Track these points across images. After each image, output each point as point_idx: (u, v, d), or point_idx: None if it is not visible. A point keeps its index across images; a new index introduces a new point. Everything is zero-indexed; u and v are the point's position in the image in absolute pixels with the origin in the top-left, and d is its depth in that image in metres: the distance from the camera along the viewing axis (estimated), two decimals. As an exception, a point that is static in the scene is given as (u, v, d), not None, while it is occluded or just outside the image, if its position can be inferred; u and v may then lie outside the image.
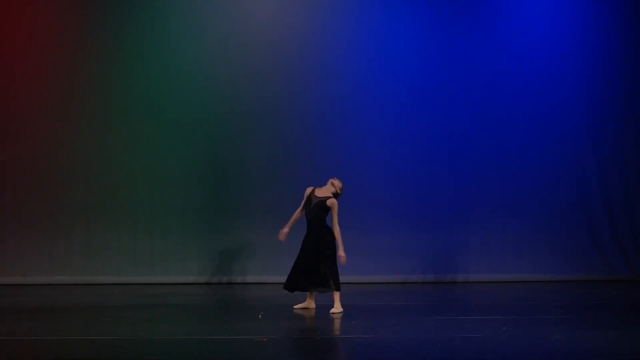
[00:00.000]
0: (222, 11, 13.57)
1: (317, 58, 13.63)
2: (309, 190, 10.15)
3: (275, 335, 8.51)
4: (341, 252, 9.92)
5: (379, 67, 13.66)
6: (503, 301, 11.49)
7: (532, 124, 13.77)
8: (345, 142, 13.57)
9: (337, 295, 10.01)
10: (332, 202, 10.00)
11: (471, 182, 13.67)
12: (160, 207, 13.42)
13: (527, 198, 13.73)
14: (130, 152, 13.44)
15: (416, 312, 10.31)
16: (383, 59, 13.66)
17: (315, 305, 10.24)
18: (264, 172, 13.48)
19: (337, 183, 10.13)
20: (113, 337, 8.34)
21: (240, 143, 13.52)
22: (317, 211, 10.01)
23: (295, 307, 10.23)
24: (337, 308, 9.96)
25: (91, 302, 11.25)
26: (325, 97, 13.60)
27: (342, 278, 10.18)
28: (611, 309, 10.66)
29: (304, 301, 10.30)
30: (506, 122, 13.74)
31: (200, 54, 13.51)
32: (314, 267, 9.96)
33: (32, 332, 8.66)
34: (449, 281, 13.51)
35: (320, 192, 10.10)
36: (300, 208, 10.20)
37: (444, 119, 13.69)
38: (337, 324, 9.29)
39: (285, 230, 10.28)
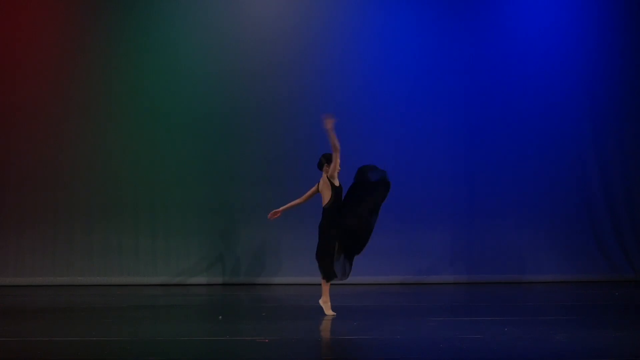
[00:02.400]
0: (224, 11, 13.57)
1: (320, 58, 13.64)
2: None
3: (277, 336, 8.50)
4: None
5: (382, 66, 13.65)
6: (505, 302, 11.48)
7: (533, 124, 13.76)
8: (349, 142, 13.51)
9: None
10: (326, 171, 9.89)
11: (472, 183, 13.66)
12: (162, 207, 13.42)
13: (529, 198, 13.71)
14: (131, 152, 13.45)
15: (418, 313, 10.29)
16: (385, 59, 13.66)
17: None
18: (266, 171, 13.47)
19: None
20: (115, 338, 8.33)
21: (243, 143, 13.52)
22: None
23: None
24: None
25: (93, 303, 11.25)
26: (329, 96, 13.58)
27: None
28: (614, 310, 10.64)
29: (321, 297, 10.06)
30: (507, 122, 13.73)
31: (202, 53, 13.51)
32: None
33: (33, 333, 8.66)
34: (451, 282, 13.48)
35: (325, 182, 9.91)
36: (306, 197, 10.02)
37: (446, 119, 13.68)
38: (338, 324, 9.28)
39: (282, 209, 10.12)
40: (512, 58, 13.77)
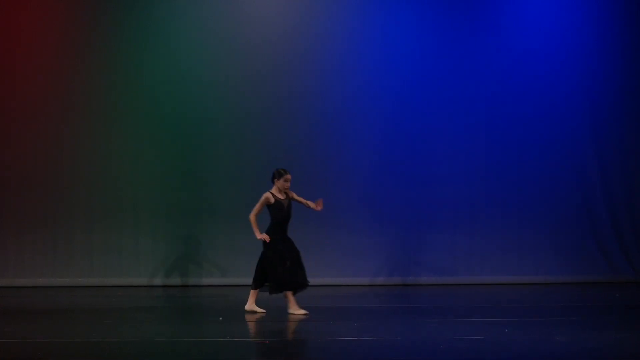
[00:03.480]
0: (224, 11, 13.55)
1: (320, 58, 13.62)
2: (271, 196, 10.02)
3: (278, 337, 8.49)
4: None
5: (382, 67, 13.63)
6: (506, 303, 11.47)
7: (534, 125, 13.75)
8: (348, 142, 13.56)
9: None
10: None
11: (473, 183, 13.64)
12: (163, 208, 13.40)
13: (530, 199, 13.70)
14: (131, 153, 13.43)
15: (418, 314, 10.28)
16: (385, 59, 13.64)
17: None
18: (267, 172, 13.39)
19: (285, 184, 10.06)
20: (115, 339, 8.33)
21: (243, 143, 13.51)
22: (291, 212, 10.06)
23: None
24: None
25: (93, 304, 11.24)
26: (329, 96, 13.58)
27: (342, 280, 10.18)
28: (614, 311, 10.64)
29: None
30: (508, 123, 13.72)
31: (202, 53, 13.49)
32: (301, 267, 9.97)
33: (34, 334, 8.65)
34: (452, 283, 13.47)
35: (281, 195, 10.04)
36: (256, 212, 10.06)
37: (446, 120, 13.66)
38: (339, 326, 9.27)
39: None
40: (512, 58, 13.75)
